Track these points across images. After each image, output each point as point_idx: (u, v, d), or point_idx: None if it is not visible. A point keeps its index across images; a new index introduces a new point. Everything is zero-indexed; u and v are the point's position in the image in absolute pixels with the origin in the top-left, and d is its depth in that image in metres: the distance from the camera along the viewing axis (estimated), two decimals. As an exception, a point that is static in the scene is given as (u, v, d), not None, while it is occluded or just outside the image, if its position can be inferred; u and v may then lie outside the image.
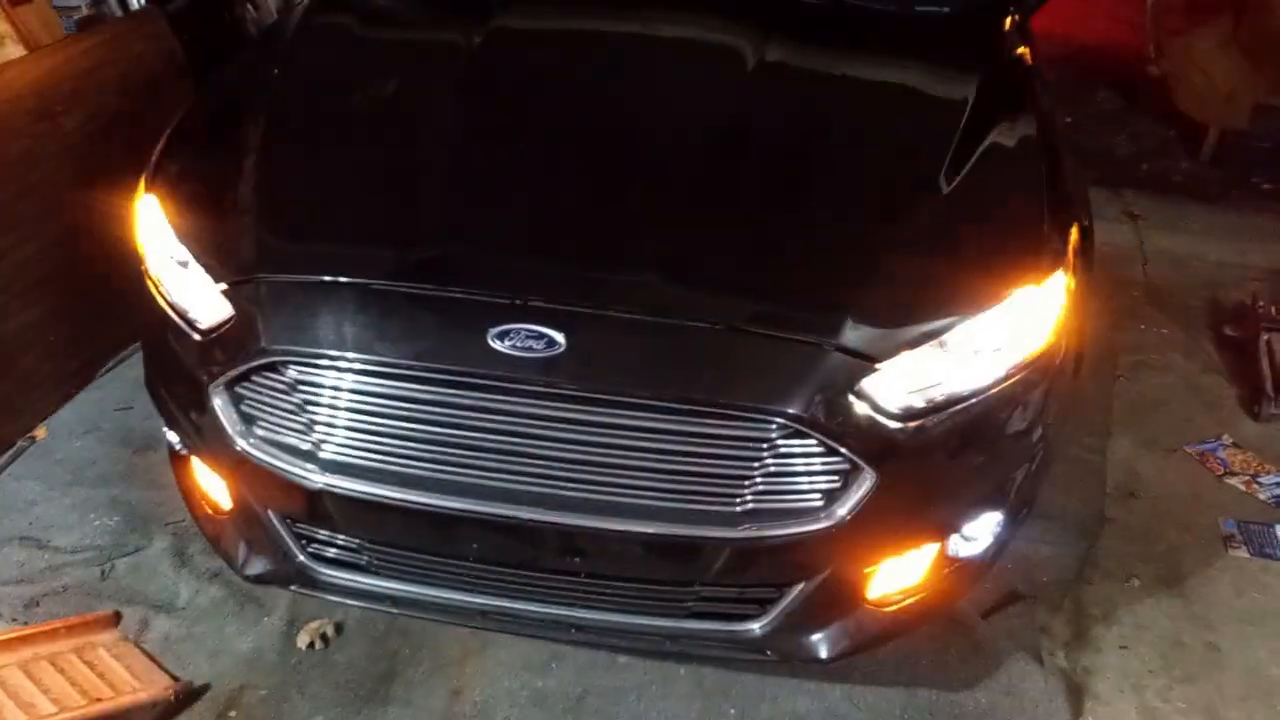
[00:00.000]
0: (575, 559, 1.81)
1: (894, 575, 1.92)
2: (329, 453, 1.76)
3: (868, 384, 1.69)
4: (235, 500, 1.98)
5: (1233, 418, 3.05)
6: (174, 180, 2.01)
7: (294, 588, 2.05)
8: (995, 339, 1.76)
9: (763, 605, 1.90)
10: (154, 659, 2.18)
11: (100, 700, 2.01)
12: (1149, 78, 4.87)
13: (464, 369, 1.68)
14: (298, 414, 1.76)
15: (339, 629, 2.26)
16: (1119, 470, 2.82)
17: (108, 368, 3.01)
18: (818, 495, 1.72)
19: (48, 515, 2.53)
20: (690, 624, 1.93)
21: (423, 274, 1.76)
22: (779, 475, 1.70)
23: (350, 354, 1.70)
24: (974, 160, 2.00)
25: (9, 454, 2.70)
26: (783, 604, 1.88)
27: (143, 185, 2.03)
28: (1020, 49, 2.51)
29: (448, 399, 1.70)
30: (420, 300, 1.74)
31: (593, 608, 1.92)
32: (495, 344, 1.66)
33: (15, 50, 2.98)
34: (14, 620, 2.25)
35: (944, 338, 1.73)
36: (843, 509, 1.71)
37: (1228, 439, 2.96)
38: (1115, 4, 5.28)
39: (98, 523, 2.51)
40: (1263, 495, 2.76)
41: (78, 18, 3.41)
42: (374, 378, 1.72)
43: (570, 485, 1.71)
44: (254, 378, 1.78)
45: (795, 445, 1.68)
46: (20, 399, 2.76)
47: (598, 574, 1.85)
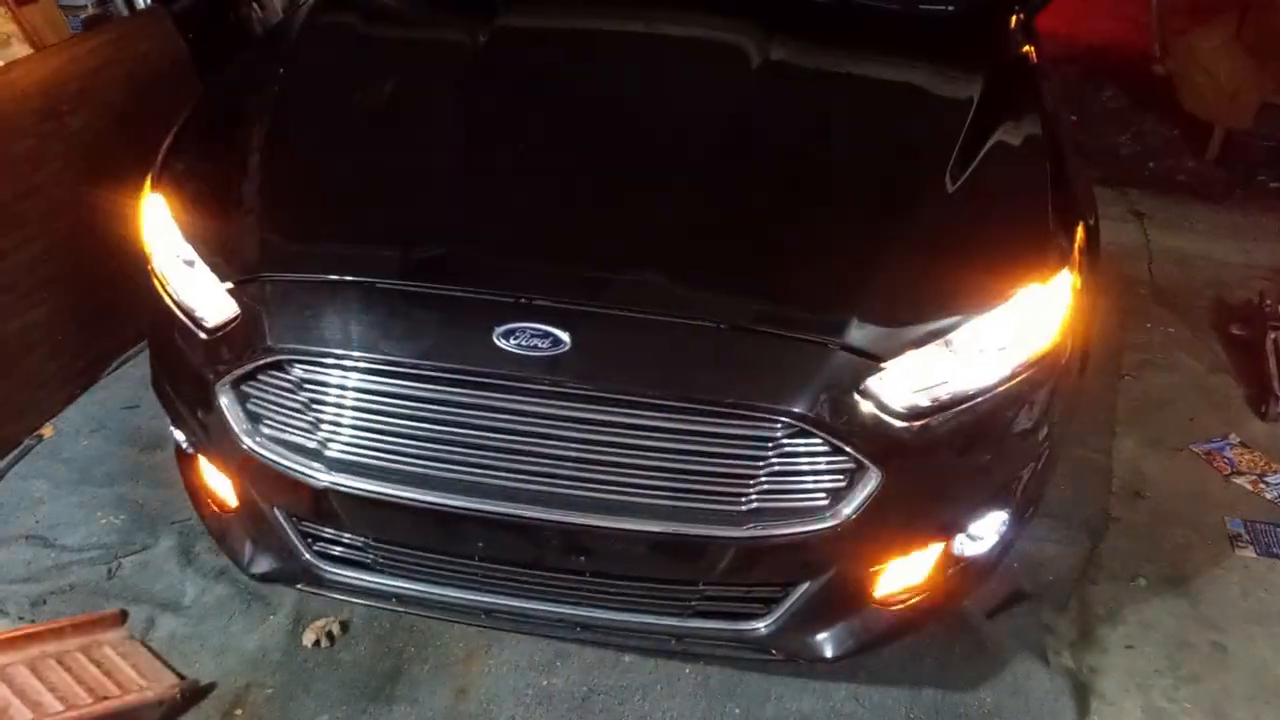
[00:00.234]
0: (580, 558, 1.81)
1: (899, 574, 1.92)
2: (335, 451, 1.77)
3: (873, 383, 1.69)
4: (241, 499, 1.98)
5: (1240, 417, 3.05)
6: (180, 179, 2.01)
7: (300, 586, 2.05)
8: (1001, 338, 1.76)
9: (768, 604, 1.90)
10: (160, 657, 2.18)
11: (107, 698, 2.02)
12: (1154, 76, 4.86)
13: (469, 368, 1.68)
14: (303, 412, 1.77)
15: (345, 627, 2.26)
16: (1125, 469, 2.81)
17: (114, 367, 3.02)
18: (823, 494, 1.72)
19: (54, 514, 2.54)
20: (695, 623, 1.93)
21: (428, 273, 1.76)
22: (784, 474, 1.70)
23: (355, 353, 1.71)
24: (979, 159, 2.00)
25: (16, 453, 2.70)
26: (788, 603, 1.87)
27: (149, 184, 2.03)
28: (1025, 48, 2.51)
29: (453, 398, 1.70)
30: (425, 299, 1.74)
31: (598, 606, 1.92)
32: (500, 343, 1.66)
33: (21, 49, 3.00)
34: (21, 618, 2.25)
35: (950, 337, 1.73)
36: (848, 508, 1.71)
37: (1235, 438, 2.95)
38: (1120, 3, 5.28)
39: (104, 521, 2.52)
40: (1270, 495, 2.75)
41: (84, 17, 3.41)
42: (379, 376, 1.72)
43: (575, 484, 1.71)
44: (260, 376, 1.79)
45: (800, 444, 1.68)
46: (27, 398, 2.77)
47: (603, 573, 1.85)
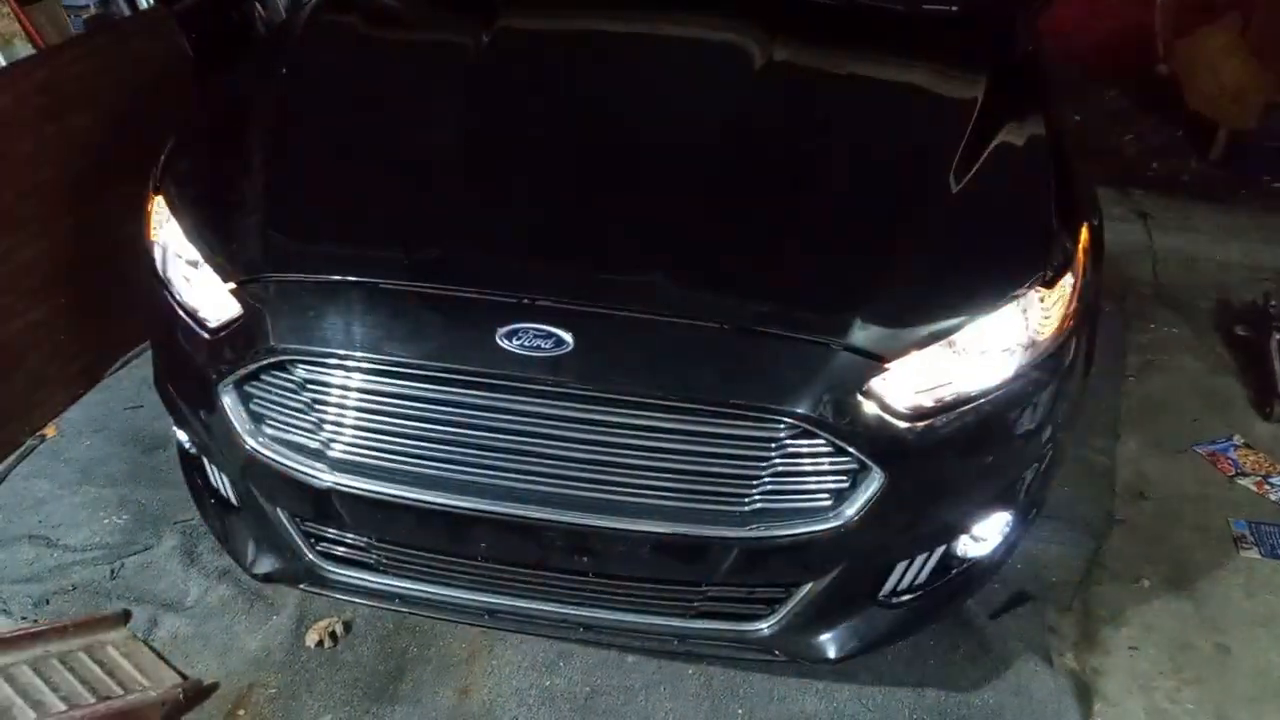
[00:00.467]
0: (583, 558, 1.80)
1: (902, 575, 1.91)
2: (337, 451, 1.77)
3: (876, 384, 1.68)
4: (244, 499, 1.98)
5: (1244, 418, 3.04)
6: (183, 179, 2.01)
7: (303, 586, 2.05)
8: (1004, 339, 1.75)
9: (771, 605, 1.89)
10: (163, 657, 2.18)
11: (109, 698, 2.02)
12: (1158, 77, 4.86)
13: (472, 368, 1.68)
14: (306, 413, 1.77)
15: (347, 627, 2.26)
16: (1128, 471, 2.81)
17: (116, 367, 3.02)
18: (826, 495, 1.72)
19: (57, 514, 2.54)
20: (699, 623, 1.92)
21: (431, 273, 1.76)
22: (787, 475, 1.70)
23: (358, 353, 1.70)
24: (983, 160, 2.00)
25: (18, 453, 2.71)
26: (791, 604, 1.87)
27: (151, 185, 2.03)
28: (1029, 48, 2.51)
29: (456, 398, 1.70)
30: (428, 299, 1.74)
31: (601, 607, 1.92)
32: (503, 343, 1.66)
33: (24, 49, 2.99)
34: (24, 618, 2.25)
35: (953, 337, 1.72)
36: (851, 509, 1.70)
37: (1239, 439, 2.94)
38: (1124, 3, 5.26)
39: (107, 521, 2.52)
40: (1274, 496, 2.74)
41: (86, 17, 3.41)
42: (382, 377, 1.72)
43: (578, 484, 1.71)
44: (263, 377, 1.79)
45: (804, 445, 1.68)
46: (29, 398, 2.77)
47: (606, 573, 1.85)
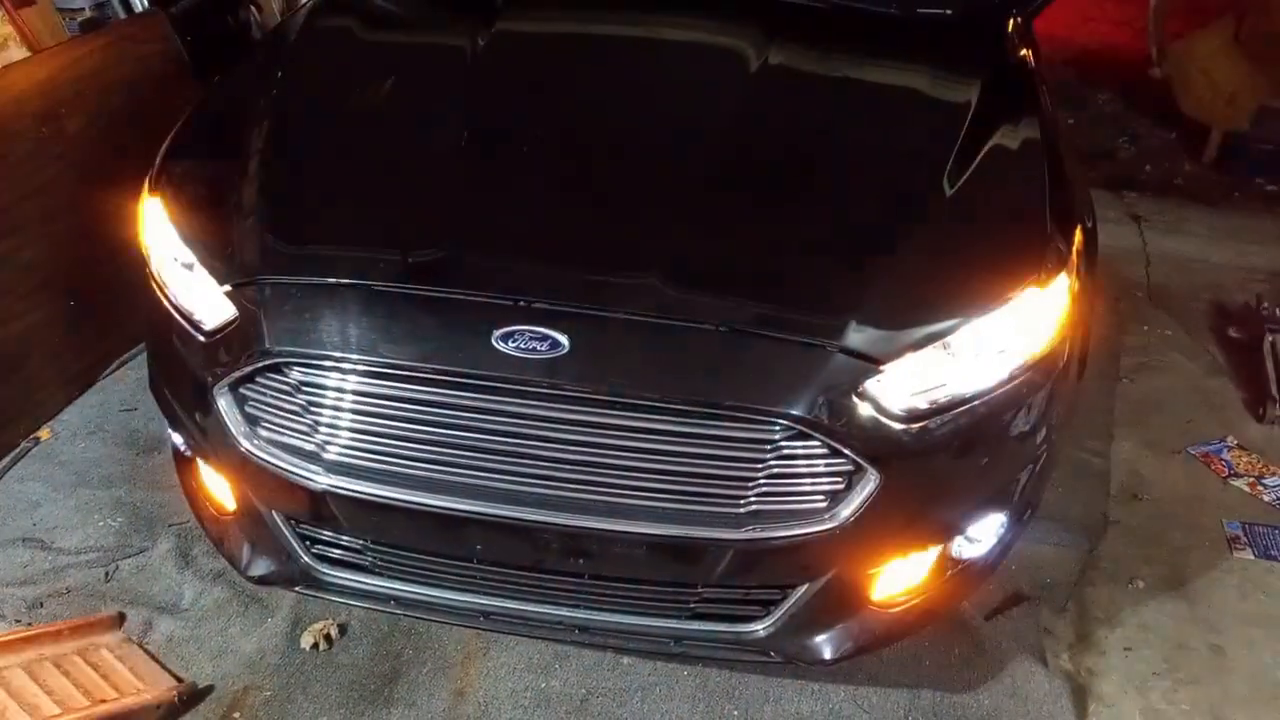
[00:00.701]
0: (579, 560, 1.80)
1: (898, 577, 1.92)
2: (333, 454, 1.76)
3: (871, 385, 1.69)
4: (239, 501, 1.98)
5: (1237, 420, 3.05)
6: (178, 182, 2.01)
7: (298, 589, 2.05)
8: (999, 341, 1.76)
9: (766, 607, 1.90)
10: (158, 660, 2.18)
11: (104, 701, 2.01)
12: (1151, 80, 4.87)
13: (467, 370, 1.68)
14: (302, 415, 1.76)
15: (343, 630, 2.26)
16: (1122, 472, 2.82)
17: (112, 369, 3.01)
18: (821, 497, 1.72)
19: (52, 516, 2.53)
20: (694, 625, 1.92)
21: (426, 276, 1.76)
22: (782, 477, 1.70)
23: (354, 355, 1.70)
24: (977, 162, 2.01)
25: (13, 455, 2.70)
26: (786, 605, 1.87)
27: (147, 187, 2.03)
28: (1023, 51, 2.51)
29: (451, 400, 1.70)
30: (423, 302, 1.74)
31: (597, 609, 1.92)
32: (499, 345, 1.66)
33: (19, 52, 2.99)
34: (18, 621, 2.25)
35: (948, 339, 1.73)
36: (846, 510, 1.71)
37: (1232, 441, 2.95)
38: (1117, 6, 5.28)
39: (102, 524, 2.51)
40: (1268, 497, 2.76)
41: (81, 20, 3.41)
42: (378, 379, 1.72)
43: (574, 486, 1.71)
44: (258, 379, 1.79)
45: (799, 447, 1.68)
46: (24, 401, 2.76)
47: (601, 575, 1.85)
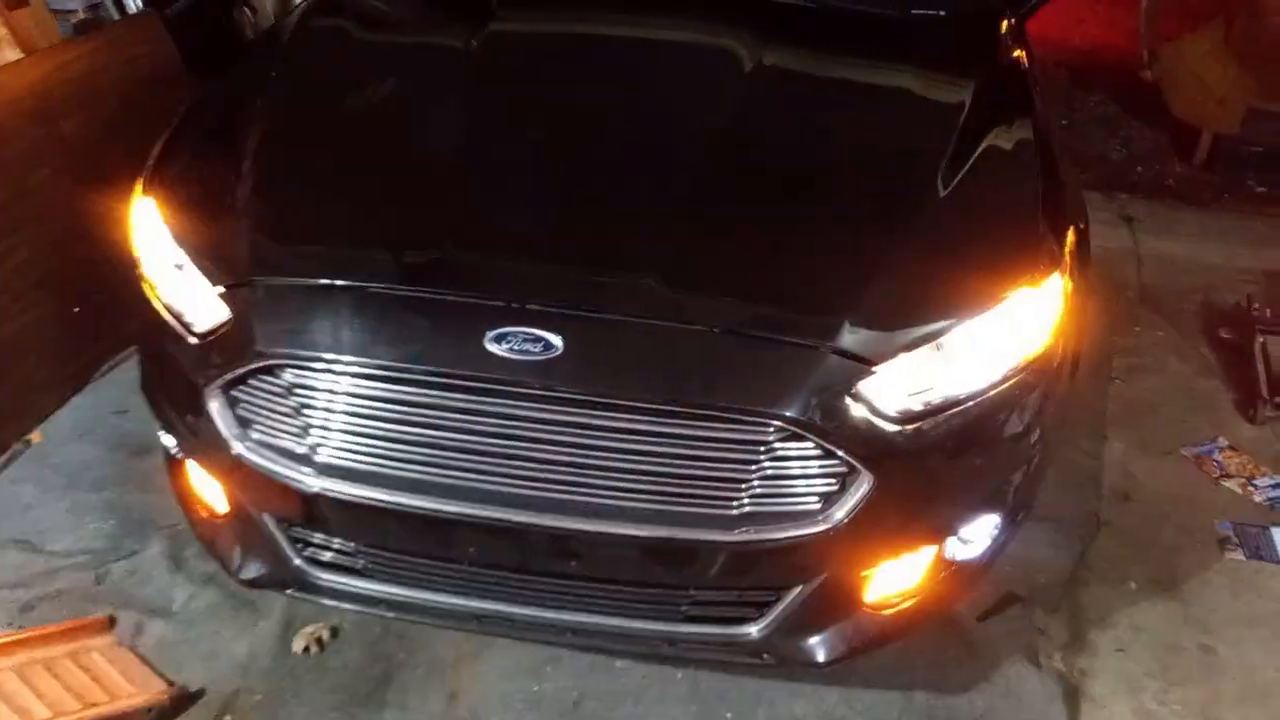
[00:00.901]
0: (572, 562, 1.80)
1: (891, 578, 1.92)
2: (325, 456, 1.76)
3: (865, 387, 1.69)
4: (231, 504, 1.97)
5: (1228, 420, 3.06)
6: (171, 183, 2.00)
7: (289, 591, 2.04)
8: (992, 341, 1.76)
9: (760, 609, 1.90)
10: (149, 663, 2.17)
11: (95, 705, 2.00)
12: (1143, 82, 4.89)
13: (460, 372, 1.68)
14: (294, 417, 1.76)
15: (335, 633, 2.25)
16: (1114, 473, 2.82)
17: (104, 371, 3.00)
18: (815, 498, 1.72)
19: (43, 519, 2.52)
20: (687, 628, 1.92)
21: (419, 277, 1.76)
22: (776, 478, 1.70)
23: (346, 357, 1.70)
24: (970, 164, 2.01)
25: (4, 458, 2.68)
26: (780, 607, 1.87)
27: (140, 188, 2.02)
28: (1016, 53, 2.52)
29: (444, 402, 1.70)
30: (417, 303, 1.74)
31: (589, 611, 1.91)
32: (492, 347, 1.66)
33: (12, 54, 2.97)
34: (8, 624, 2.24)
35: (941, 340, 1.73)
36: (840, 512, 1.71)
37: (1223, 441, 2.96)
38: (1109, 8, 5.30)
39: (93, 526, 2.50)
40: (1258, 498, 2.77)
41: (75, 21, 3.40)
42: (370, 381, 1.71)
43: (567, 489, 1.71)
44: (250, 381, 1.78)
45: (792, 448, 1.68)
46: (16, 402, 2.75)
47: (594, 577, 1.85)
